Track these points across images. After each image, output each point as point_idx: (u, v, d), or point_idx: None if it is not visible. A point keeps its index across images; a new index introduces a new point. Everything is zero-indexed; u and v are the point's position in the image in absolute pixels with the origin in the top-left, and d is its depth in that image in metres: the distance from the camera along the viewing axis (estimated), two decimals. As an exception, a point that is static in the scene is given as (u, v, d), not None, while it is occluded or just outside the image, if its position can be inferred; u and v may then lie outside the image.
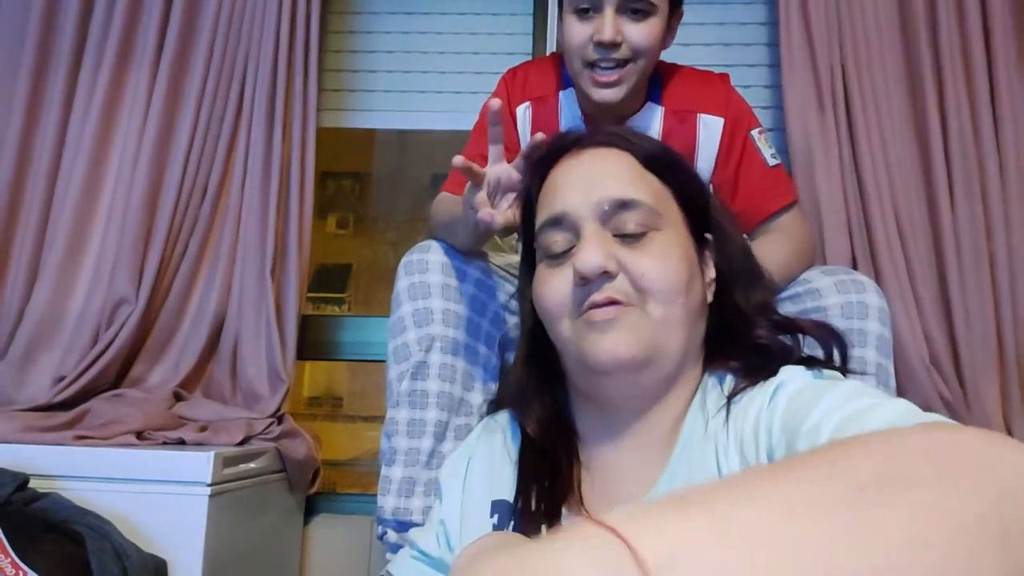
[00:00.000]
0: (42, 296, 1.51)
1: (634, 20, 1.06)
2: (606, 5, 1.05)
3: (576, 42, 1.08)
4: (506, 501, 0.70)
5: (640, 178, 0.68)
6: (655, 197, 0.67)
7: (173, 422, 1.35)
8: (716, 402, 0.64)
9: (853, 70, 1.54)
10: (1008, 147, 1.49)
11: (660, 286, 0.63)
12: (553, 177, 0.71)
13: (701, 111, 1.17)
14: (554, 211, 0.67)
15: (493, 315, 1.06)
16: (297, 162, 1.60)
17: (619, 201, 0.65)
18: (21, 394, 1.44)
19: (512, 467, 0.72)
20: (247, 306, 1.54)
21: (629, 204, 0.65)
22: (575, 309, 0.64)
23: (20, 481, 1.02)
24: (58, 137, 1.58)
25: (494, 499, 0.71)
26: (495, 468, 0.74)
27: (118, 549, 0.99)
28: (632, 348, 0.61)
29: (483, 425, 0.80)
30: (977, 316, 1.44)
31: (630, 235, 0.64)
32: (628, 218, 0.65)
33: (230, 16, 1.62)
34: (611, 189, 0.66)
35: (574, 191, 0.67)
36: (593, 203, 0.65)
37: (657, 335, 0.63)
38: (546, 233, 0.68)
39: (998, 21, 1.53)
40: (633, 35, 1.06)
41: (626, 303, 0.62)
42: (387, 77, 1.83)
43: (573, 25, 1.09)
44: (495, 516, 0.70)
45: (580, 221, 0.66)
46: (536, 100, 1.20)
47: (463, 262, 1.04)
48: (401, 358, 1.01)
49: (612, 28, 1.05)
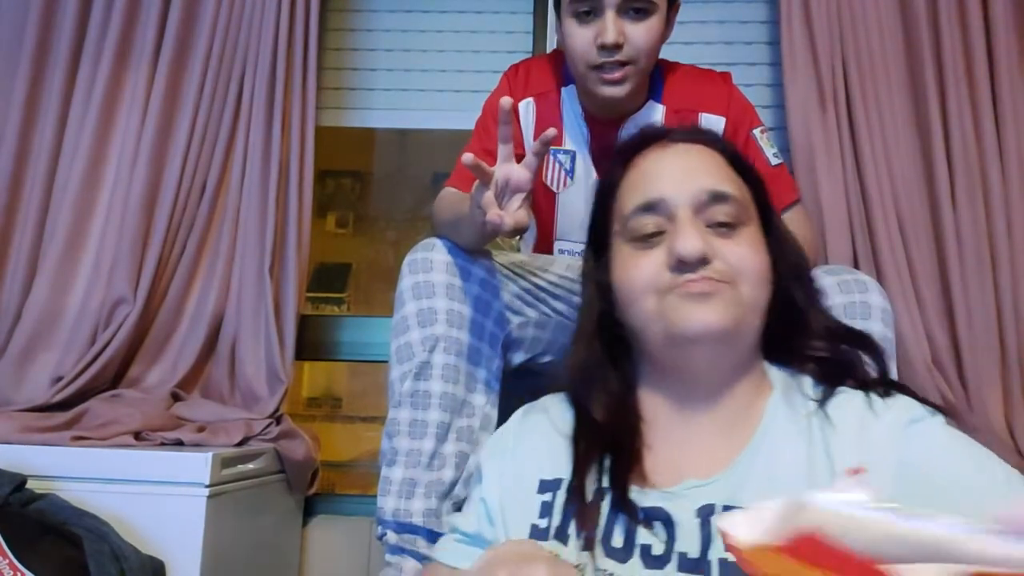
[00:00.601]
0: (40, 296, 1.50)
1: (635, 20, 1.06)
2: (607, 8, 1.04)
3: (579, 46, 1.08)
4: (558, 480, 0.71)
5: (731, 177, 0.72)
6: (742, 195, 0.71)
7: (171, 423, 1.35)
8: (801, 399, 0.68)
9: (855, 69, 1.54)
10: (1010, 146, 1.49)
11: (752, 271, 0.67)
12: (643, 165, 0.74)
13: (702, 110, 1.16)
14: (649, 196, 0.70)
15: (497, 315, 1.05)
16: (296, 161, 1.60)
17: (715, 193, 0.69)
18: (19, 394, 1.44)
19: (564, 446, 0.73)
20: (246, 306, 1.54)
21: (723, 197, 0.69)
22: (665, 286, 0.67)
23: (18, 482, 1.01)
24: (56, 136, 1.58)
25: (543, 478, 0.72)
26: (542, 447, 0.74)
27: (116, 550, 0.99)
28: (725, 319, 0.65)
29: (524, 410, 0.82)
30: (979, 317, 1.44)
31: (722, 225, 0.68)
32: (721, 210, 0.68)
33: (229, 14, 1.62)
34: (707, 182, 0.69)
35: (668, 180, 0.70)
36: (690, 192, 0.69)
37: (745, 314, 0.66)
38: (637, 217, 0.70)
39: (1000, 21, 1.53)
40: (635, 35, 1.06)
41: (720, 281, 0.65)
42: (387, 75, 1.82)
43: (574, 29, 1.08)
44: (547, 494, 0.71)
45: (676, 208, 0.68)
46: (539, 96, 1.20)
47: (467, 261, 1.03)
48: (404, 358, 1.00)
49: (615, 30, 1.04)
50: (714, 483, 0.64)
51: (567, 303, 1.11)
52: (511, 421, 0.81)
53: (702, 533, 0.61)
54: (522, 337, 1.09)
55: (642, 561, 0.62)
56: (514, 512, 0.72)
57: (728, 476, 0.64)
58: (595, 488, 0.68)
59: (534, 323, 1.10)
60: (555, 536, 0.67)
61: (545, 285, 1.10)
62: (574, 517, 0.67)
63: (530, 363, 1.13)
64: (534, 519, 0.70)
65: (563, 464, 0.72)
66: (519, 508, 0.71)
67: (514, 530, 0.70)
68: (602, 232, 0.77)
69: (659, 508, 0.64)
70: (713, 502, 0.62)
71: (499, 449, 0.78)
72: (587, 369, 0.75)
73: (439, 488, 0.98)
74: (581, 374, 0.76)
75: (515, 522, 0.71)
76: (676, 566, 0.61)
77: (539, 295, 1.09)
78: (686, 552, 0.61)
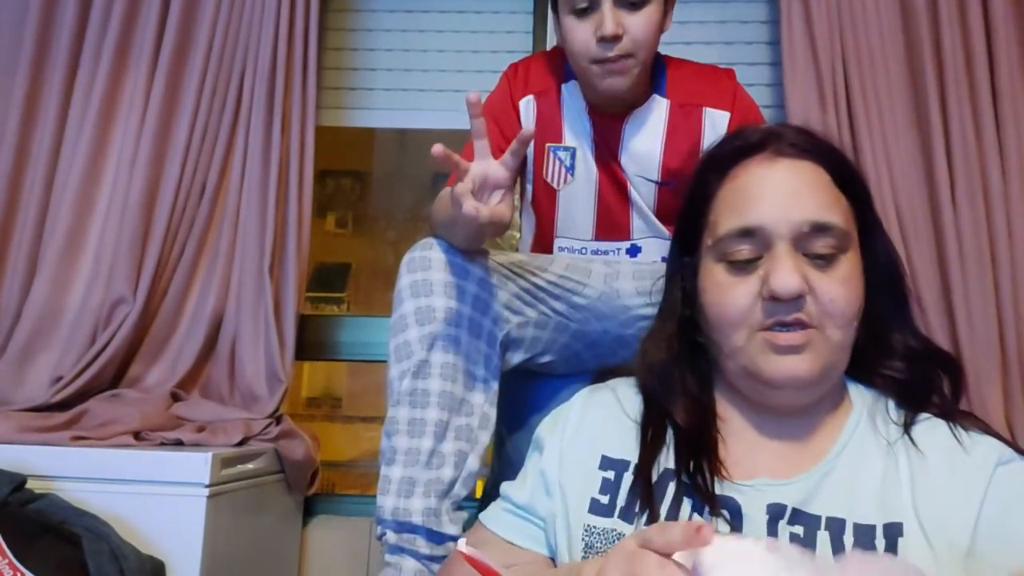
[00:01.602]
0: (39, 295, 1.50)
1: (632, 11, 1.06)
2: (603, 1, 1.05)
3: (579, 42, 1.08)
4: (624, 461, 0.71)
5: (835, 200, 0.68)
6: (845, 218, 0.67)
7: (171, 423, 1.35)
8: (884, 420, 0.68)
9: (855, 68, 1.54)
10: (1010, 146, 1.49)
11: (844, 312, 0.65)
12: (743, 181, 0.70)
13: (707, 105, 1.17)
14: (747, 223, 0.67)
15: (495, 314, 1.05)
16: (296, 160, 1.60)
17: (818, 225, 0.65)
18: (18, 394, 1.43)
19: (630, 429, 0.73)
20: (245, 306, 1.54)
21: (826, 228, 0.65)
22: (757, 323, 0.65)
23: (17, 482, 1.01)
24: (56, 136, 1.57)
25: (606, 454, 0.73)
26: (609, 426, 0.75)
27: (115, 550, 0.99)
28: (812, 372, 0.64)
29: (590, 388, 0.82)
30: (979, 317, 1.44)
31: (821, 257, 0.65)
32: (822, 241, 0.65)
33: (229, 14, 1.62)
34: (810, 211, 0.65)
35: (770, 205, 0.67)
36: (792, 222, 0.65)
37: (833, 357, 0.65)
38: (732, 241, 0.67)
39: (1000, 21, 1.53)
40: (633, 26, 1.06)
41: (811, 325, 0.64)
42: (387, 75, 1.82)
43: (573, 26, 1.08)
44: (609, 471, 0.71)
45: (775, 239, 0.65)
46: (539, 94, 1.20)
47: (466, 260, 1.03)
48: (402, 356, 1.00)
49: (612, 22, 1.05)
50: (789, 485, 0.64)
51: (566, 303, 1.11)
52: (576, 397, 0.80)
53: (768, 531, 0.62)
54: (521, 337, 1.09)
55: None
56: (574, 485, 0.72)
57: (804, 481, 0.64)
58: (661, 471, 0.69)
59: (533, 323, 1.10)
60: (620, 516, 0.68)
61: (544, 285, 1.09)
62: (646, 501, 0.67)
63: (528, 363, 1.13)
64: (594, 493, 0.70)
65: (629, 446, 0.72)
66: (579, 481, 0.72)
67: (573, 503, 0.71)
68: (691, 237, 0.74)
69: (730, 498, 0.65)
70: (785, 503, 0.63)
71: (562, 423, 0.78)
72: (664, 370, 0.74)
73: (438, 487, 0.98)
74: (658, 374, 0.75)
75: (574, 495, 0.71)
76: None
77: (538, 295, 1.09)
78: None
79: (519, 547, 0.74)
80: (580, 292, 1.12)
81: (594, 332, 1.13)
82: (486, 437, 1.03)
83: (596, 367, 1.16)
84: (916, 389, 0.69)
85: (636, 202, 1.19)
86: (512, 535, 0.75)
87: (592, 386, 0.82)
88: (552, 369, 1.17)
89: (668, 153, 1.16)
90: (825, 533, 0.61)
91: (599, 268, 1.15)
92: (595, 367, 1.16)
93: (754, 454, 0.69)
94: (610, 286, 1.13)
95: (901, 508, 0.61)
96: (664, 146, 1.16)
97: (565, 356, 1.15)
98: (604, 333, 1.13)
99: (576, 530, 0.69)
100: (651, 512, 0.66)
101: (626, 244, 1.21)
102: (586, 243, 1.21)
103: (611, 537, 0.67)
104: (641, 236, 1.21)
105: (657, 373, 0.75)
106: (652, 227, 1.20)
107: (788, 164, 0.69)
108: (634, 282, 1.13)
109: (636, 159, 1.17)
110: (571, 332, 1.13)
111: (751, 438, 0.70)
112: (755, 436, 0.70)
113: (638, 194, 1.18)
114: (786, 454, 0.68)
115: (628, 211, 1.19)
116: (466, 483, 1.01)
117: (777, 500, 0.63)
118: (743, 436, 0.70)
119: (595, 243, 1.21)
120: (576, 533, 0.69)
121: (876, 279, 0.70)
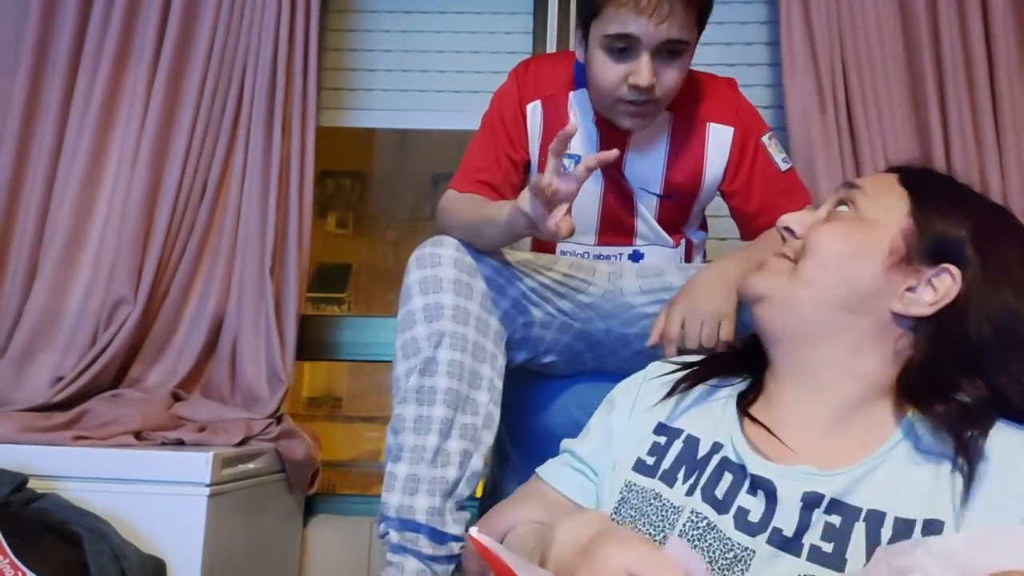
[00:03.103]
0: (40, 296, 1.50)
1: (668, 62, 1.04)
2: (644, 50, 1.02)
3: (608, 81, 1.06)
4: (678, 429, 0.76)
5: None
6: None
7: (172, 422, 1.35)
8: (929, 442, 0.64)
9: (854, 69, 1.54)
10: (1010, 147, 1.49)
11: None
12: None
13: (710, 120, 1.16)
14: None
15: (502, 313, 1.06)
16: (296, 161, 1.60)
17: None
18: (19, 394, 1.44)
19: (695, 400, 0.78)
20: (246, 306, 1.54)
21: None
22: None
23: (18, 482, 1.01)
24: (56, 137, 1.58)
25: (661, 421, 0.77)
26: (670, 396, 0.79)
27: (116, 550, 0.99)
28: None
29: (660, 361, 0.86)
30: (979, 316, 1.44)
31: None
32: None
33: (229, 15, 1.62)
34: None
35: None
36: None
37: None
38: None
39: (999, 21, 1.53)
40: (666, 77, 1.05)
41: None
42: (387, 76, 1.82)
43: (605, 64, 1.06)
44: (661, 436, 0.76)
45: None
46: (547, 99, 1.18)
47: (476, 258, 1.03)
48: (410, 353, 1.00)
49: (649, 73, 1.03)
50: (833, 477, 0.64)
51: (572, 301, 1.11)
52: (650, 366, 0.85)
53: (800, 517, 0.63)
54: (526, 336, 1.10)
55: (735, 520, 0.65)
56: (628, 442, 0.77)
57: (846, 474, 0.64)
58: (712, 443, 0.72)
59: (539, 323, 1.10)
60: (660, 478, 0.72)
61: (550, 283, 1.10)
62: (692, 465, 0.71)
63: (531, 363, 1.14)
64: (642, 454, 0.75)
65: (686, 418, 0.76)
66: (633, 440, 0.77)
67: (622, 457, 0.76)
68: None
69: (767, 479, 0.65)
70: (823, 492, 0.63)
71: (634, 386, 0.83)
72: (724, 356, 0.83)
73: (443, 486, 0.98)
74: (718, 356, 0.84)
75: (625, 451, 0.76)
76: (767, 538, 0.63)
77: (544, 294, 1.09)
78: (781, 529, 0.63)
79: (570, 499, 0.78)
80: (584, 290, 1.12)
81: (597, 332, 1.14)
82: (490, 437, 1.04)
83: (597, 368, 1.17)
84: (989, 410, 0.65)
85: (640, 211, 1.19)
86: (565, 487, 0.79)
87: (664, 359, 0.87)
88: (554, 370, 1.17)
89: (671, 167, 1.17)
90: (862, 524, 0.61)
91: (603, 267, 1.16)
92: (596, 368, 1.17)
93: (803, 438, 0.69)
94: (614, 284, 1.13)
95: (945, 508, 0.60)
96: (667, 161, 1.17)
97: (567, 357, 1.15)
98: (607, 333, 1.14)
99: (617, 484, 0.73)
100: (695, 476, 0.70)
101: (628, 250, 1.21)
102: (589, 248, 1.21)
103: (647, 495, 0.71)
104: (644, 243, 1.21)
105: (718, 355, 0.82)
106: (656, 235, 1.20)
107: None
108: (638, 280, 1.13)
109: (640, 172, 1.17)
110: (574, 332, 1.13)
111: (803, 422, 0.70)
112: (808, 421, 0.70)
113: (642, 204, 1.19)
114: (834, 443, 0.68)
115: (633, 219, 1.20)
116: (470, 483, 1.01)
117: (815, 489, 0.63)
118: (794, 420, 0.71)
119: (598, 248, 1.21)
120: (616, 487, 0.73)
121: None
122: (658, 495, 0.70)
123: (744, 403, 0.73)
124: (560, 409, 1.17)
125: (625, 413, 0.80)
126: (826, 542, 0.61)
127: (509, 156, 1.17)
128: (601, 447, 0.79)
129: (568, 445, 0.83)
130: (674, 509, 0.68)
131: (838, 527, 0.62)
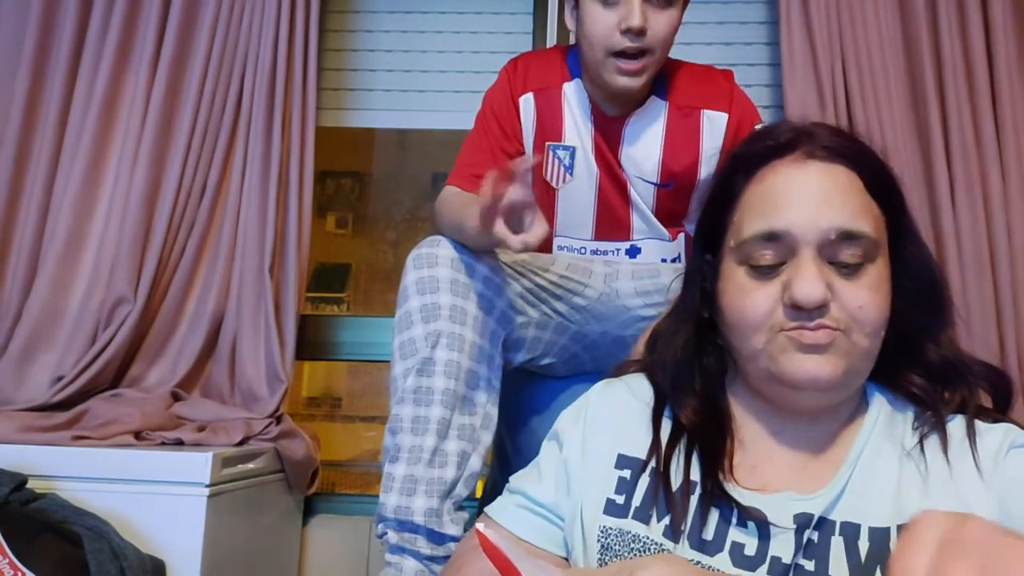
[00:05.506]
0: (40, 296, 1.50)
1: (659, 8, 1.06)
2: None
3: (601, 30, 1.07)
4: (638, 459, 0.70)
5: (866, 207, 0.65)
6: (876, 227, 0.65)
7: (171, 422, 1.35)
8: (900, 426, 0.67)
9: (854, 69, 1.54)
10: (1010, 146, 1.49)
11: (871, 319, 0.63)
12: (770, 182, 0.67)
13: (705, 107, 1.17)
14: (773, 227, 0.64)
15: (500, 313, 1.06)
16: (296, 161, 1.60)
17: (846, 232, 0.62)
18: (19, 394, 1.44)
19: (645, 427, 0.72)
20: (246, 306, 1.54)
21: (854, 236, 0.63)
22: (778, 325, 0.63)
23: (18, 481, 1.01)
24: (57, 137, 1.58)
25: (621, 452, 0.71)
26: (622, 422, 0.74)
27: (116, 550, 0.99)
28: (836, 373, 0.62)
29: (605, 382, 0.80)
30: (978, 319, 1.44)
31: (847, 265, 0.63)
32: (849, 249, 0.63)
33: (229, 15, 1.62)
34: (839, 218, 0.63)
35: (798, 209, 0.64)
36: (819, 229, 0.62)
37: (856, 363, 0.64)
38: (756, 244, 0.65)
39: (999, 21, 1.53)
40: (657, 24, 1.06)
41: (837, 328, 0.62)
42: (386, 76, 1.83)
43: (597, 12, 1.07)
44: (625, 470, 0.70)
45: (800, 245, 0.63)
46: (539, 91, 1.19)
47: (473, 258, 1.03)
48: (407, 354, 1.01)
49: (640, 14, 1.04)
50: (815, 498, 0.64)
51: (567, 303, 1.11)
52: (592, 392, 0.79)
53: (796, 540, 0.61)
54: (523, 337, 1.10)
55: (731, 558, 0.62)
56: (592, 483, 0.70)
57: (828, 493, 0.64)
58: (682, 479, 0.67)
59: (535, 323, 1.10)
60: (634, 516, 0.67)
61: (547, 285, 1.10)
62: (666, 506, 0.66)
63: (529, 364, 1.14)
64: (610, 493, 0.69)
65: (644, 444, 0.71)
66: (595, 479, 0.70)
67: (590, 502, 0.69)
68: (713, 237, 0.72)
69: (756, 509, 0.64)
70: (812, 512, 0.62)
71: (580, 417, 0.76)
72: (677, 371, 0.73)
73: (440, 487, 0.98)
74: (671, 374, 0.73)
75: (592, 494, 0.70)
76: (768, 568, 0.61)
77: (541, 295, 1.09)
78: (779, 556, 0.61)
79: (535, 547, 0.72)
80: (581, 293, 1.12)
81: (593, 334, 1.14)
82: (488, 437, 1.04)
83: (595, 369, 1.17)
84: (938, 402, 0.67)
85: (636, 203, 1.19)
86: (529, 534, 0.72)
87: (607, 380, 0.80)
88: (552, 371, 1.17)
89: (667, 155, 1.17)
90: (839, 538, 0.61)
91: (599, 268, 1.15)
92: (594, 369, 1.17)
93: (770, 461, 0.68)
94: (609, 286, 1.13)
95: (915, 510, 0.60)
96: (663, 148, 1.17)
97: (565, 358, 1.15)
98: (603, 335, 1.14)
99: (591, 530, 0.68)
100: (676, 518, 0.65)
101: (626, 244, 1.21)
102: (585, 243, 1.21)
103: (626, 538, 0.66)
104: (641, 237, 1.21)
105: (670, 373, 0.73)
106: (652, 228, 1.20)
107: (819, 167, 0.66)
108: (633, 282, 1.13)
109: (635, 160, 1.17)
110: (571, 334, 1.13)
111: (766, 445, 0.69)
112: (771, 443, 0.69)
113: (638, 195, 1.18)
114: (803, 464, 0.67)
115: (628, 211, 1.20)
116: (468, 483, 1.01)
117: (804, 511, 0.63)
118: (758, 443, 0.69)
119: (595, 243, 1.21)
120: (591, 533, 0.68)
121: (907, 288, 0.67)
122: (635, 536, 0.66)
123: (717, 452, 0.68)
124: (559, 410, 1.16)
125: (576, 452, 0.73)
126: (807, 560, 0.60)
127: (503, 149, 1.17)
128: (561, 491, 0.72)
129: (520, 485, 0.76)
130: (657, 547, 0.64)
131: (816, 542, 0.61)
